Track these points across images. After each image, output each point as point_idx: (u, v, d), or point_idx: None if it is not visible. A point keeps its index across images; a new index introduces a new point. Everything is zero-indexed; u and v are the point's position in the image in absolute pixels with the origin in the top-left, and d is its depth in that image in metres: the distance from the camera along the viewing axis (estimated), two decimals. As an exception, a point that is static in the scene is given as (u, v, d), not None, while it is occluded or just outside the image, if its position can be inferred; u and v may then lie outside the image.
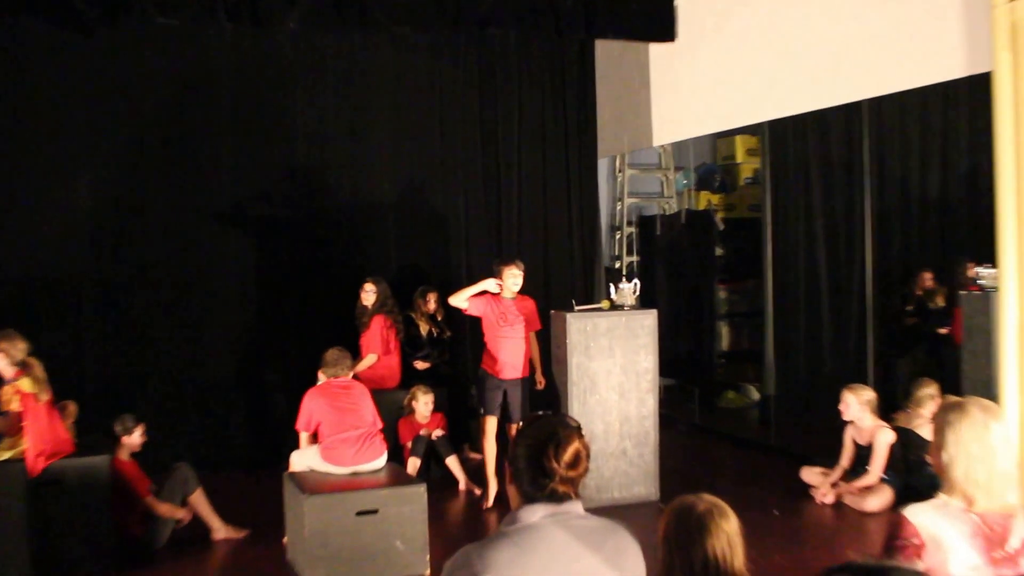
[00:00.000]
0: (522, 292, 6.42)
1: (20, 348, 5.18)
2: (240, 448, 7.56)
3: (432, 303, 7.70)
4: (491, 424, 6.30)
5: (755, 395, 9.07)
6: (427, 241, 8.28)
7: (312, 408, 5.56)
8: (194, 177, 7.58)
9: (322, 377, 5.70)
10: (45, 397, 5.22)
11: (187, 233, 7.57)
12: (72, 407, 5.70)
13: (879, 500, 6.02)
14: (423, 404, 6.95)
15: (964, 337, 6.00)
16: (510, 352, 6.31)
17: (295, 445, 5.74)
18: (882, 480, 6.12)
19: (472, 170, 8.43)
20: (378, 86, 8.10)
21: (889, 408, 6.50)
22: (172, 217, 7.52)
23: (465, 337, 8.09)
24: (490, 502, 6.29)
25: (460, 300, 6.26)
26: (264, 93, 7.77)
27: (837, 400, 6.30)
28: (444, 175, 8.35)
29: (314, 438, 5.61)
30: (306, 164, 7.91)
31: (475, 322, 6.69)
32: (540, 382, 6.60)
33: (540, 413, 2.46)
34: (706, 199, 9.76)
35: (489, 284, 6.27)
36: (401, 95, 8.20)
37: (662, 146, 9.89)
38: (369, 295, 7.35)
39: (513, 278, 6.31)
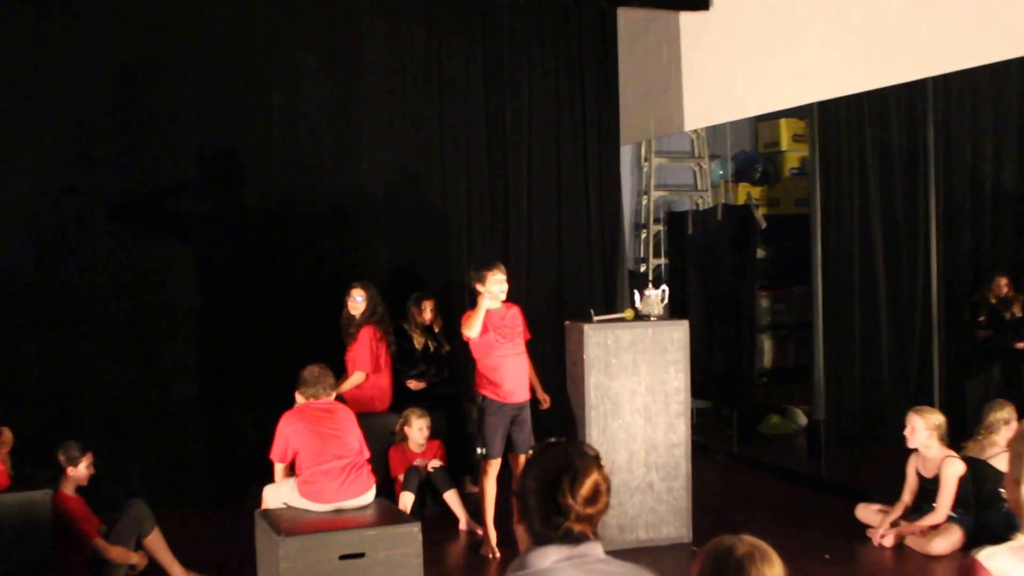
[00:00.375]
0: (509, 299, 6.45)
1: None
2: (204, 482, 7.54)
3: (428, 312, 7.69)
4: (494, 467, 6.29)
5: (802, 420, 9.04)
6: (423, 241, 8.29)
7: (288, 434, 5.56)
8: (150, 167, 7.53)
9: (300, 398, 5.70)
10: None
11: (142, 232, 7.52)
12: (7, 434, 5.69)
13: (947, 542, 5.99)
14: (418, 430, 6.94)
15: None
16: (515, 372, 6.29)
17: (268, 478, 5.74)
18: (950, 519, 6.09)
19: (475, 159, 8.42)
20: (367, 62, 8.11)
21: (958, 435, 6.46)
22: (124, 212, 7.47)
23: (466, 351, 8.08)
24: (493, 552, 6.22)
25: (476, 328, 6.16)
26: (233, 68, 7.76)
27: (898, 425, 6.27)
28: (443, 165, 8.33)
29: (291, 470, 5.62)
30: (282, 153, 7.87)
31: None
32: (545, 400, 6.63)
33: (552, 440, 2.45)
34: (746, 192, 9.75)
35: (491, 300, 6.22)
36: (394, 72, 8.18)
37: (695, 131, 9.88)
38: (356, 303, 7.35)
39: (500, 284, 6.24)
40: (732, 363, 9.06)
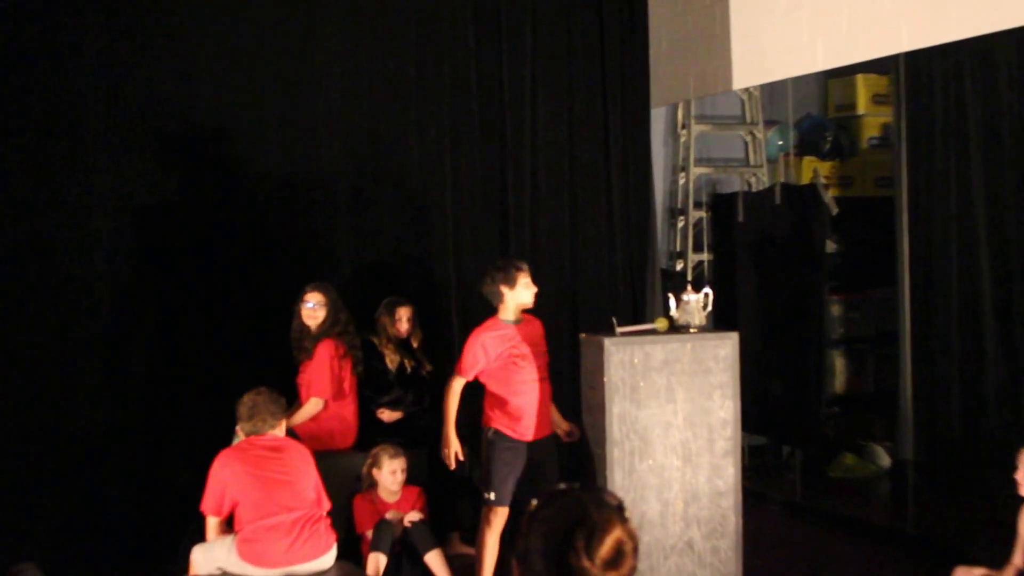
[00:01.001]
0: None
1: None
2: (116, 541, 7.47)
3: (404, 322, 7.69)
4: (501, 517, 6.40)
5: (885, 460, 9.04)
6: (397, 232, 8.35)
7: (224, 480, 5.56)
8: (48, 142, 7.48)
9: (240, 434, 5.72)
10: None
11: (39, 226, 7.48)
12: None
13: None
14: (390, 473, 6.92)
15: None
16: (537, 401, 6.45)
17: (199, 536, 5.72)
18: (1075, 587, 6.06)
19: (465, 129, 8.49)
20: (326, 4, 8.14)
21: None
22: (14, 200, 7.43)
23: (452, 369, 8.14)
24: None
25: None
26: (149, 13, 7.74)
27: (1007, 467, 6.25)
28: (422, 134, 8.40)
29: (228, 525, 5.60)
30: (215, 120, 7.91)
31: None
32: (571, 431, 6.72)
33: (563, 487, 2.48)
34: (812, 168, 9.75)
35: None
36: (360, 19, 8.22)
37: (746, 90, 9.88)
38: (311, 311, 7.32)
39: (529, 289, 6.48)
40: (794, 387, 9.04)
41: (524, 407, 6.39)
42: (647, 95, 8.98)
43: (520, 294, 6.44)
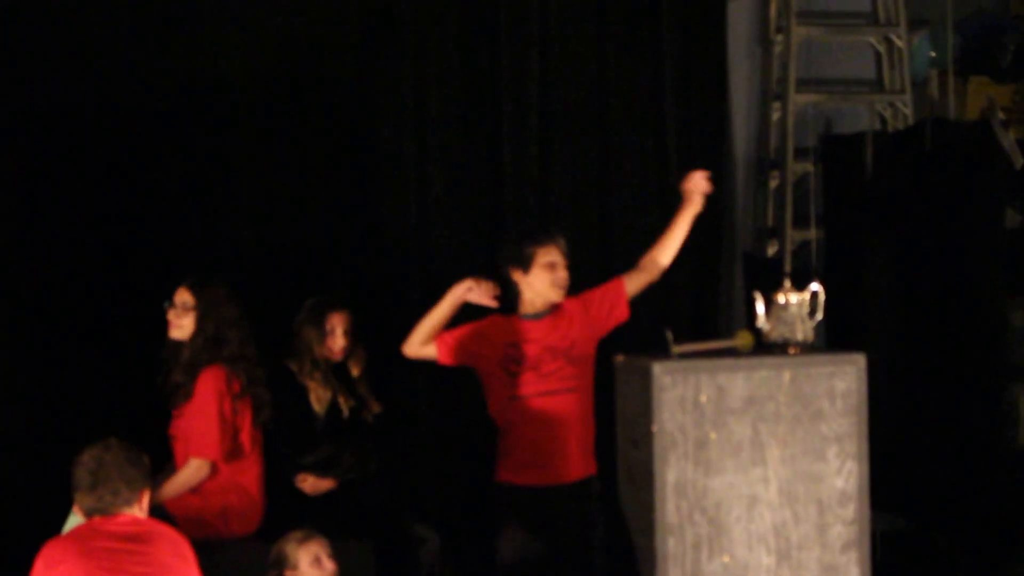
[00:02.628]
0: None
1: None
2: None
3: (339, 337, 7.74)
4: None
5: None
6: (327, 191, 8.54)
7: (55, 585, 5.53)
8: None
9: (78, 514, 5.69)
10: None
11: None
12: None
13: None
14: (310, 567, 6.89)
15: None
16: (556, 429, 6.56)
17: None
18: None
19: (436, 27, 8.58)
20: None
21: None
22: None
23: (421, 401, 8.30)
24: None
25: (421, 339, 6.74)
26: None
27: None
28: (370, 39, 8.50)
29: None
30: (64, 23, 8.02)
31: (446, 376, 6.86)
32: None
33: None
34: (983, 96, 9.71)
35: (480, 293, 6.55)
36: None
37: (880, -29, 9.90)
38: (184, 323, 7.38)
39: (552, 274, 6.69)
40: (956, 441, 9.03)
41: (532, 438, 6.63)
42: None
43: (538, 282, 6.64)
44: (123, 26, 8.10)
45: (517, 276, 6.70)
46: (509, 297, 6.77)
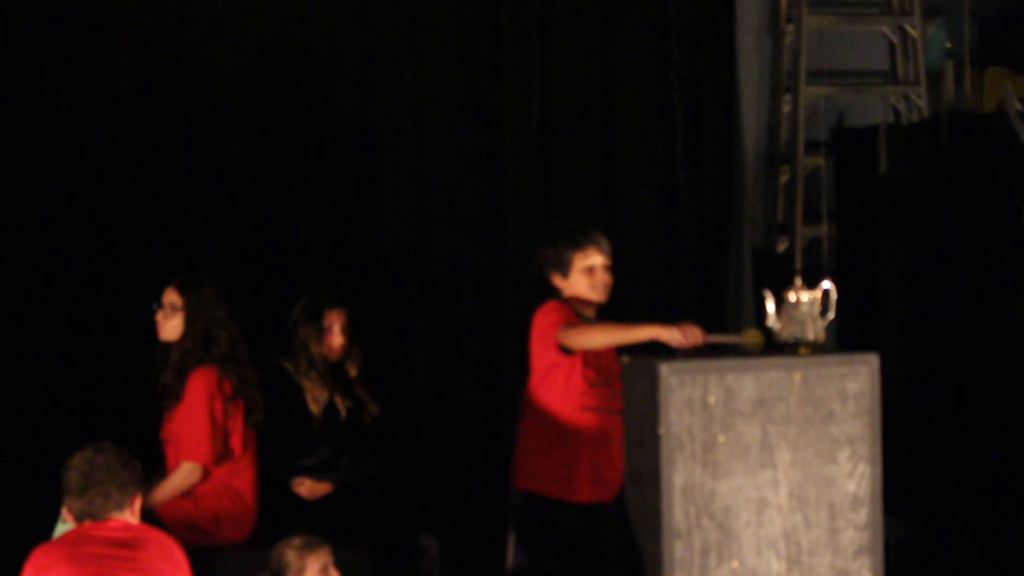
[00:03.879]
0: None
1: None
2: None
3: (336, 335, 7.71)
4: None
5: None
6: (324, 187, 8.50)
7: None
8: None
9: (68, 519, 5.66)
10: None
11: None
12: None
13: None
14: (316, 576, 6.88)
15: None
16: (613, 446, 6.61)
17: None
18: None
19: (435, 20, 8.59)
20: None
21: None
22: None
23: (420, 404, 8.25)
24: None
25: (585, 343, 6.57)
26: None
27: None
28: (366, 34, 8.55)
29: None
30: (58, 31, 8.02)
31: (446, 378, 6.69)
32: None
33: None
34: (1001, 86, 9.65)
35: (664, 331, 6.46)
36: None
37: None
38: (173, 323, 7.35)
39: (594, 278, 6.70)
40: (975, 444, 9.00)
41: (594, 454, 6.61)
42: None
43: (578, 285, 6.64)
44: (122, 26, 8.10)
45: (557, 278, 6.71)
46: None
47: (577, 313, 6.65)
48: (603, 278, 6.71)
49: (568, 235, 6.78)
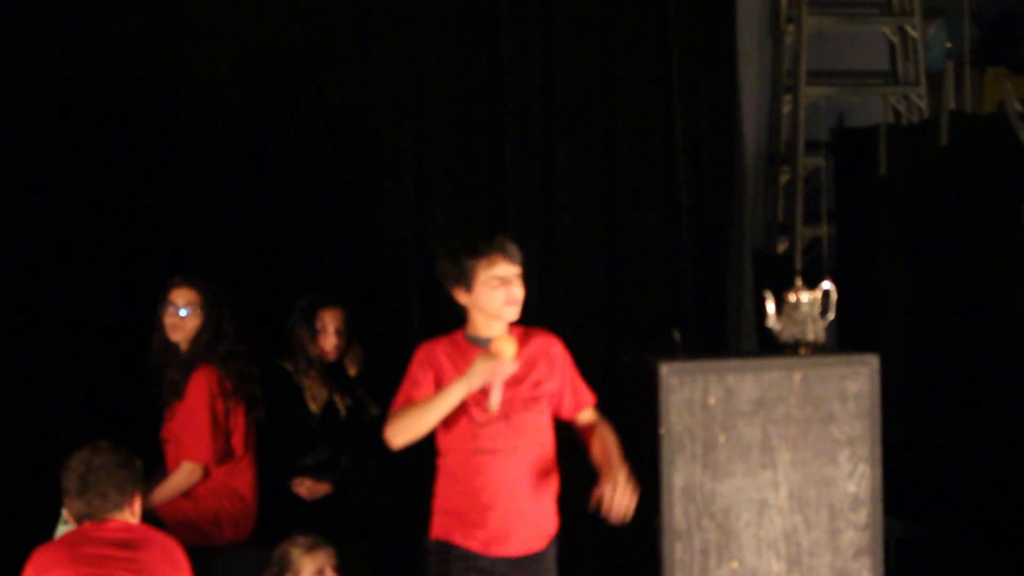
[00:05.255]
0: (523, 322, 6.06)
1: None
2: None
3: (333, 336, 7.73)
4: None
5: None
6: (322, 189, 8.47)
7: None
8: None
9: (68, 519, 5.69)
10: None
11: None
12: None
13: None
14: (314, 577, 6.91)
15: None
16: (515, 490, 5.89)
17: None
18: None
19: (436, 22, 8.59)
20: None
21: None
22: None
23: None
24: None
25: (409, 432, 5.77)
26: None
27: None
28: (366, 36, 8.55)
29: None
30: (57, 30, 8.04)
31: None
32: (619, 492, 5.76)
33: None
34: (1002, 87, 9.65)
35: (490, 362, 5.67)
36: None
37: (894, -42, 9.87)
38: (179, 318, 7.36)
39: (500, 291, 5.86)
40: (977, 444, 9.01)
41: (489, 500, 5.83)
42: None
43: (483, 299, 5.84)
44: (121, 25, 8.08)
45: (459, 292, 5.86)
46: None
47: (472, 341, 5.86)
48: (513, 291, 5.83)
49: (469, 243, 5.87)
